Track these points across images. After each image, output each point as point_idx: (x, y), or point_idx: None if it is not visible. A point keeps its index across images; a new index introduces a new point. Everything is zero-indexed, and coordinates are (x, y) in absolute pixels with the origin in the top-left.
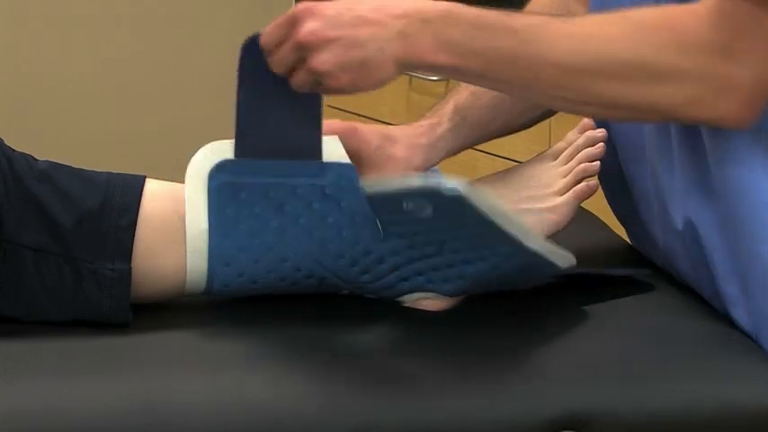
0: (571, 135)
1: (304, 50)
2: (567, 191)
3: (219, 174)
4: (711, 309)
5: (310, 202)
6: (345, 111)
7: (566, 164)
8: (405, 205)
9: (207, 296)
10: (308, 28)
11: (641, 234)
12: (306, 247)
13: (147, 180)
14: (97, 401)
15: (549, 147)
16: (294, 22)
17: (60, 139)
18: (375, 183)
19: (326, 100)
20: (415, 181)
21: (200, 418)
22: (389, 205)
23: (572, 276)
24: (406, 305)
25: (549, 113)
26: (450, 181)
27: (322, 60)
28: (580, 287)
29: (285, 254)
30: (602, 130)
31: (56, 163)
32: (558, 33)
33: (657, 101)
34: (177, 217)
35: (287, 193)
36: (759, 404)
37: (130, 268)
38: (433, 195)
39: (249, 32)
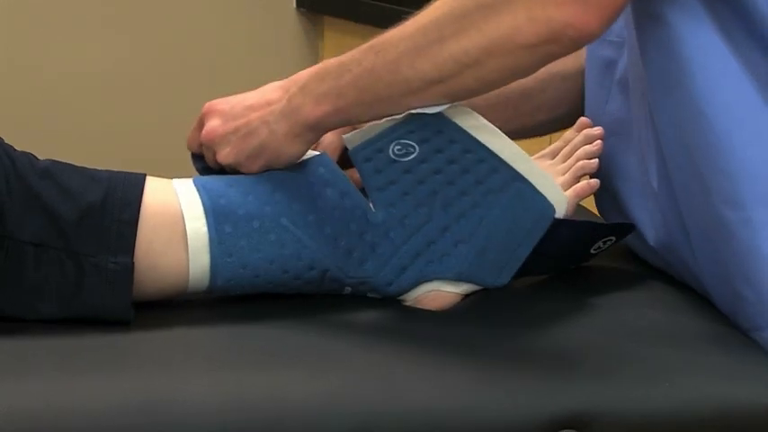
0: (569, 134)
1: (210, 149)
2: (567, 189)
3: (202, 179)
4: (711, 308)
5: (298, 187)
6: None
7: (564, 162)
8: (391, 151)
9: (209, 294)
10: (208, 127)
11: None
12: (303, 231)
13: (148, 177)
14: (98, 400)
15: (550, 145)
16: (201, 124)
17: (59, 139)
18: (359, 134)
19: None
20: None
21: (200, 418)
22: (377, 159)
23: (571, 276)
24: (408, 304)
25: (565, 119)
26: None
27: (225, 154)
28: (580, 287)
29: (284, 239)
30: (600, 127)
31: (57, 161)
32: (400, 27)
33: (503, 33)
34: (178, 214)
35: (274, 184)
36: (759, 404)
37: (132, 262)
38: (416, 121)
39: (249, 31)
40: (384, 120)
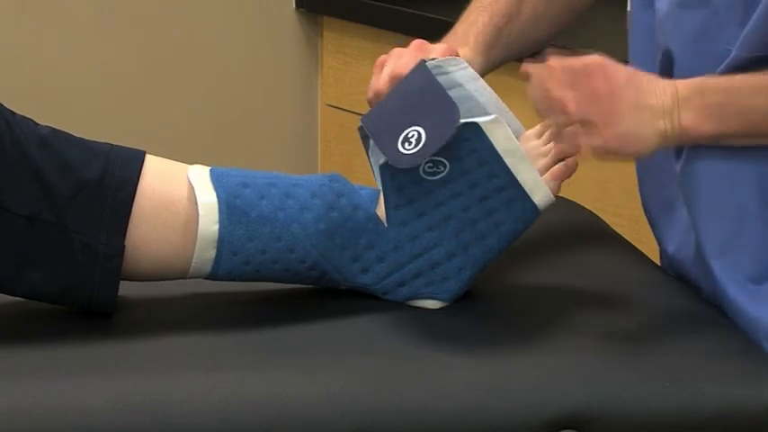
0: None
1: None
2: (545, 172)
3: (218, 172)
4: (712, 309)
5: (313, 195)
6: (344, 110)
7: (548, 143)
8: (422, 169)
9: (206, 295)
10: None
11: None
12: (313, 239)
13: (147, 156)
14: (98, 400)
15: None
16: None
17: None
18: None
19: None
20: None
21: (200, 418)
22: (403, 176)
23: (572, 277)
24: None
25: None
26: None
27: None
28: (580, 288)
29: (293, 244)
30: None
31: (57, 130)
32: None
33: None
34: (187, 203)
35: (288, 189)
36: (759, 404)
37: (124, 244)
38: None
39: (248, 31)
40: None
